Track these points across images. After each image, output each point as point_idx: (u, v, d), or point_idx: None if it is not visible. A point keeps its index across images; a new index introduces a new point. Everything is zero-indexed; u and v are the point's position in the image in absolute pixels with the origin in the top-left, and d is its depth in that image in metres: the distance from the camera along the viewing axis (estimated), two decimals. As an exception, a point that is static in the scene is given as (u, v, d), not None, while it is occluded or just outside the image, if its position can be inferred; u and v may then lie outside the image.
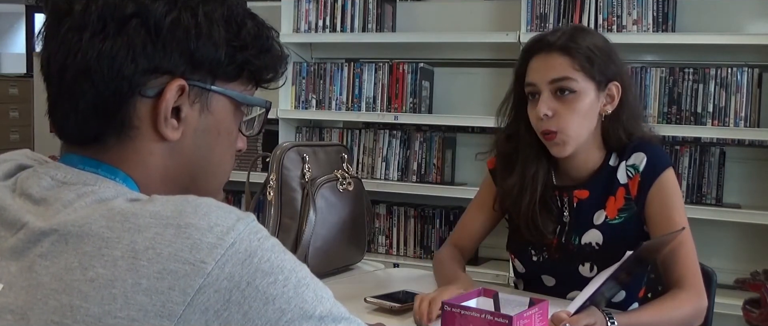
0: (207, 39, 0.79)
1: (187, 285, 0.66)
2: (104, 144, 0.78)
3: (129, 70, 0.76)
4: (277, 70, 0.88)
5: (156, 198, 0.72)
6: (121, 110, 0.77)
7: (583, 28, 1.64)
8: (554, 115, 1.56)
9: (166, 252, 0.66)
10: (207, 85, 0.81)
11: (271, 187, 1.81)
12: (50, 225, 0.70)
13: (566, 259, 1.67)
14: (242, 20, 0.83)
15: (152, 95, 0.77)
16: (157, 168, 0.80)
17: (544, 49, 1.58)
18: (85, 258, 0.67)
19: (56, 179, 0.76)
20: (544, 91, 1.57)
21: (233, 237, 0.69)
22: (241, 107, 0.86)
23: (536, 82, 1.58)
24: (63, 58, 0.76)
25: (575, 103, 1.56)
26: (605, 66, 1.58)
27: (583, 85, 1.56)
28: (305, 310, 0.71)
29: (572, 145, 1.59)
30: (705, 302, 1.55)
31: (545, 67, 1.57)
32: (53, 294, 0.67)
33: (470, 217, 1.84)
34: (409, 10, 3.48)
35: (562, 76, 1.55)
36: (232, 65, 0.82)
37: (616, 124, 1.63)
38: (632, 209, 1.62)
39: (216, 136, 0.84)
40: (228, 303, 0.67)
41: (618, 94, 1.61)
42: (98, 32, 0.75)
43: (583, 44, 1.56)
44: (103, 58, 0.75)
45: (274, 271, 0.70)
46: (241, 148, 0.89)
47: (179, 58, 0.78)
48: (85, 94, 0.76)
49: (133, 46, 0.75)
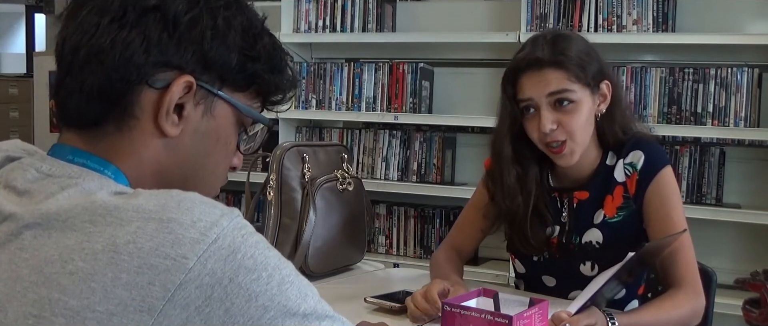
0: (222, 42, 0.80)
1: (168, 280, 0.65)
2: (102, 130, 0.79)
3: (140, 59, 0.76)
4: (286, 93, 0.89)
5: (140, 192, 0.72)
6: (125, 97, 0.77)
7: (563, 35, 1.60)
8: (558, 127, 1.55)
9: (148, 246, 0.66)
10: (214, 89, 0.81)
11: (271, 187, 1.81)
12: (33, 218, 0.70)
13: (567, 259, 1.67)
14: (260, 33, 0.84)
15: (159, 87, 0.78)
16: (150, 163, 0.80)
17: (534, 66, 1.54)
18: (66, 251, 0.67)
19: (41, 171, 0.76)
20: (542, 106, 1.54)
21: (216, 232, 0.68)
22: (244, 120, 0.86)
23: (533, 97, 1.55)
24: (78, 39, 0.77)
25: (576, 112, 1.55)
26: (594, 68, 1.58)
27: (580, 94, 1.55)
28: (289, 307, 0.71)
29: (579, 153, 1.59)
30: (703, 301, 1.55)
31: (540, 82, 1.54)
32: (32, 286, 0.66)
33: (466, 218, 1.83)
34: (409, 10, 3.48)
35: (560, 88, 1.53)
36: (242, 74, 0.82)
37: (610, 121, 1.63)
38: (631, 207, 1.62)
39: (214, 142, 0.84)
40: (209, 300, 0.67)
41: (609, 92, 1.61)
42: (117, 19, 0.76)
43: (571, 53, 1.54)
44: (117, 43, 0.76)
45: (257, 268, 0.69)
46: (236, 166, 0.89)
47: (192, 56, 0.78)
48: (93, 75, 0.77)
49: (148, 37, 0.76)
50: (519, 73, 1.57)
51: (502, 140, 1.65)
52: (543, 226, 1.67)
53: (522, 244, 1.69)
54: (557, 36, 1.59)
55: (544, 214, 1.67)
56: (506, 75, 1.61)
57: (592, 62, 1.57)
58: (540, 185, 1.68)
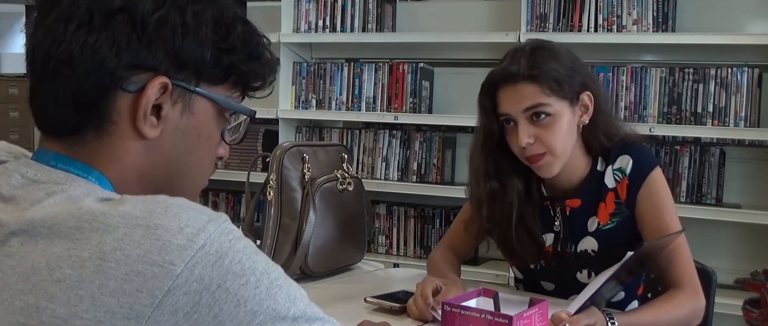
0: (193, 39, 0.78)
1: (155, 287, 0.65)
2: (82, 138, 0.77)
3: (112, 63, 0.75)
4: (265, 78, 0.86)
5: (126, 198, 0.71)
6: (100, 103, 0.76)
7: (541, 47, 1.58)
8: (536, 141, 1.54)
9: (135, 253, 0.66)
10: (191, 86, 0.79)
11: (271, 187, 1.81)
12: (18, 225, 0.69)
13: (563, 267, 1.66)
14: (232, 23, 0.81)
15: (133, 90, 0.76)
16: (133, 166, 0.79)
17: (510, 81, 1.54)
18: (53, 259, 0.66)
19: (26, 177, 0.75)
20: (520, 120, 1.54)
21: (204, 238, 0.68)
22: (225, 113, 0.84)
23: (510, 112, 1.55)
24: (47, 47, 0.76)
25: (554, 125, 1.54)
26: (572, 80, 1.56)
27: (556, 107, 1.54)
28: (278, 311, 0.70)
29: (560, 164, 1.58)
30: (702, 301, 1.55)
31: (515, 97, 1.54)
32: (19, 294, 0.66)
33: (462, 222, 1.82)
34: (409, 10, 3.48)
35: (535, 103, 1.53)
36: (217, 68, 0.81)
37: (595, 130, 1.62)
38: (623, 213, 1.62)
39: (196, 138, 0.82)
40: (198, 306, 0.66)
41: (591, 102, 1.60)
42: (84, 24, 0.75)
43: (546, 67, 1.53)
44: (86, 49, 0.74)
45: (245, 273, 0.69)
46: (222, 156, 0.88)
47: (164, 56, 0.77)
48: (65, 83, 0.75)
49: (117, 41, 0.75)
50: (496, 87, 1.58)
51: (475, 154, 1.66)
52: (531, 238, 1.66)
53: (510, 256, 1.70)
54: (535, 48, 1.57)
55: (531, 226, 1.66)
56: (483, 88, 1.61)
57: (571, 74, 1.56)
58: (525, 197, 1.66)
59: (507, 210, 1.64)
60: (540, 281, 1.72)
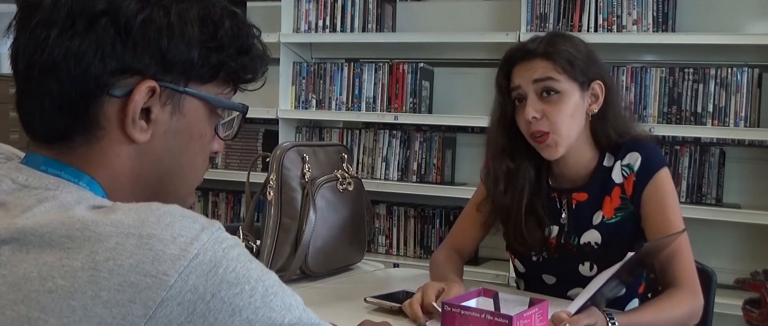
0: (179, 39, 0.76)
1: (149, 298, 0.64)
2: (71, 144, 0.76)
3: (97, 69, 0.73)
4: (257, 71, 0.85)
5: (118, 206, 0.70)
6: (88, 110, 0.74)
7: (561, 34, 1.67)
8: (542, 117, 1.58)
9: (127, 263, 0.64)
10: (179, 87, 0.78)
11: (271, 187, 1.81)
12: (9, 233, 0.68)
13: (566, 259, 1.67)
14: (220, 19, 0.79)
15: (120, 95, 0.75)
16: (124, 171, 0.78)
17: (526, 57, 1.61)
18: (45, 269, 0.65)
19: (17, 182, 0.74)
20: (529, 94, 1.59)
21: (197, 248, 0.67)
22: (217, 109, 0.83)
23: (521, 84, 1.61)
24: (30, 53, 0.74)
25: (561, 104, 1.58)
26: (586, 67, 1.61)
27: (566, 86, 1.58)
28: (273, 319, 0.70)
29: (563, 146, 1.60)
30: (702, 302, 1.56)
31: (528, 71, 1.60)
32: (11, 304, 0.65)
33: (467, 218, 1.84)
34: (409, 10, 3.48)
35: (545, 76, 1.58)
36: (206, 67, 0.79)
37: (603, 122, 1.64)
38: (628, 208, 1.63)
39: (187, 139, 0.81)
40: (192, 316, 0.65)
41: (602, 93, 1.63)
42: (67, 29, 0.73)
43: (562, 48, 1.59)
44: (70, 56, 0.72)
45: (240, 281, 0.68)
46: (216, 151, 0.86)
47: (150, 59, 0.75)
48: (51, 91, 0.74)
49: (102, 45, 0.73)
50: (512, 63, 1.63)
51: (493, 131, 1.70)
52: (539, 226, 1.69)
53: (518, 242, 1.70)
54: (555, 34, 1.66)
55: (540, 214, 1.68)
56: (500, 66, 1.67)
57: (584, 61, 1.61)
58: (536, 185, 1.69)
59: (519, 194, 1.68)
60: (541, 274, 1.73)
